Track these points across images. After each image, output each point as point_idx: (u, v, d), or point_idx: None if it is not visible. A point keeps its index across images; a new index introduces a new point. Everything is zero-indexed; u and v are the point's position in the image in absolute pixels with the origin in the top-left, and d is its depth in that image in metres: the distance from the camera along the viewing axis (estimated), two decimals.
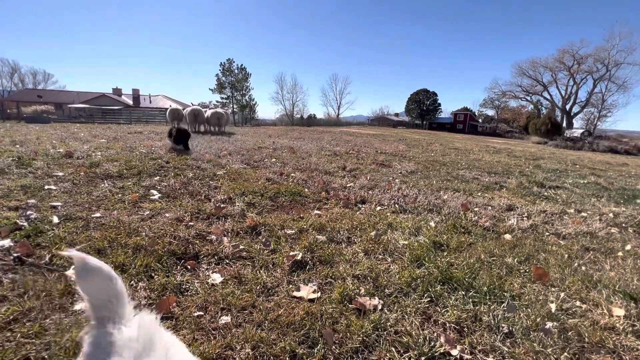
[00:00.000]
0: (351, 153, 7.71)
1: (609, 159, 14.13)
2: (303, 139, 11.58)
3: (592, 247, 2.68)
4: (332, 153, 7.39)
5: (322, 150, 7.74)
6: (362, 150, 8.66)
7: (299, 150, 7.47)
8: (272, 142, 9.19)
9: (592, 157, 15.06)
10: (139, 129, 11.78)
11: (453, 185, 4.68)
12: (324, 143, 10.02)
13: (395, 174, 5.26)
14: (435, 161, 7.43)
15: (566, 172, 7.44)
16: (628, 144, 25.17)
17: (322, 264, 2.03)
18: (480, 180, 5.30)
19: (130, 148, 5.71)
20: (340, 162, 5.94)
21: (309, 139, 11.43)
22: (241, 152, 6.32)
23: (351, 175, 4.89)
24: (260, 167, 4.88)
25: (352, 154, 7.49)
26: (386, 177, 4.88)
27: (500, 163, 8.15)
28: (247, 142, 8.49)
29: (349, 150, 8.15)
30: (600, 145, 23.76)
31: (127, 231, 2.20)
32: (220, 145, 7.24)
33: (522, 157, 10.74)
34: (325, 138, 12.73)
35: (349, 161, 6.23)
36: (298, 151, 7.23)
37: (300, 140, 10.86)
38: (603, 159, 14.23)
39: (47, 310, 1.44)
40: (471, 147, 13.71)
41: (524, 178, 5.87)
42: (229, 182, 3.78)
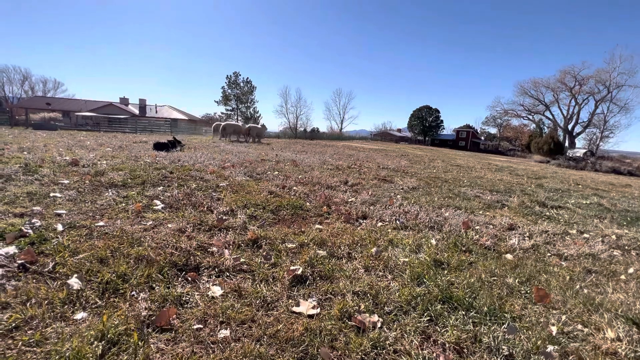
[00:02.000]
0: (353, 168, 7.75)
1: (612, 180, 14.10)
2: (306, 152, 11.67)
3: (595, 269, 2.66)
4: (335, 167, 7.44)
5: (325, 164, 7.80)
6: (364, 165, 8.71)
7: (301, 163, 7.53)
8: (275, 154, 9.27)
9: (594, 177, 15.04)
10: (145, 138, 11.93)
11: (455, 202, 4.69)
12: (326, 157, 10.09)
13: (397, 190, 5.27)
14: (437, 178, 7.45)
15: (569, 192, 7.43)
16: (631, 165, 25.14)
17: (322, 279, 2.04)
18: (482, 198, 5.31)
19: (135, 157, 5.79)
20: (343, 177, 5.97)
21: (312, 153, 11.51)
22: (244, 164, 6.38)
23: (353, 190, 4.91)
24: (263, 180, 4.92)
25: (354, 169, 7.53)
26: (388, 193, 4.90)
27: (502, 181, 8.16)
28: (250, 154, 8.57)
29: (351, 165, 8.20)
30: (603, 166, 23.73)
31: (129, 241, 2.22)
32: (223, 157, 7.32)
33: (525, 175, 10.75)
34: (328, 152, 12.82)
35: (351, 176, 6.26)
36: (301, 164, 7.28)
37: (303, 153, 10.94)
38: (606, 179, 14.20)
39: (49, 318, 1.45)
40: (473, 165, 13.75)
41: (526, 197, 5.87)
42: (231, 194, 3.81)
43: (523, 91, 47.49)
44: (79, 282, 1.69)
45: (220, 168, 5.54)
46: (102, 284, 1.72)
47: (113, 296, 1.65)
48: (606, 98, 40.11)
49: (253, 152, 9.56)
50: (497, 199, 5.34)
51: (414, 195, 4.99)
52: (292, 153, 10.55)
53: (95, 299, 1.60)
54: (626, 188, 10.40)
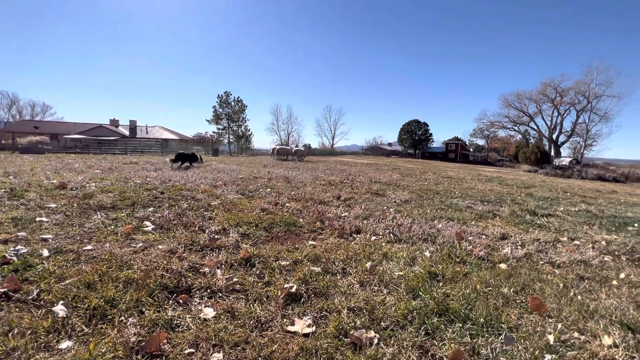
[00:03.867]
0: (346, 182, 7.78)
1: (598, 187, 14.43)
2: (298, 168, 11.70)
3: (587, 275, 2.69)
4: (327, 182, 7.46)
5: (317, 180, 7.81)
6: (357, 179, 8.76)
7: (294, 179, 7.53)
8: (267, 171, 9.27)
9: (581, 184, 15.38)
10: (135, 159, 11.84)
11: (447, 214, 4.72)
12: (318, 172, 10.12)
13: (389, 203, 5.29)
14: (429, 190, 7.52)
15: (557, 200, 7.56)
16: (615, 171, 25.85)
17: (317, 296, 2.00)
18: (474, 209, 5.36)
19: (125, 179, 5.72)
20: (335, 192, 5.98)
21: (304, 169, 11.55)
22: (236, 182, 6.36)
23: (346, 204, 4.91)
24: (255, 197, 4.89)
25: (347, 183, 7.56)
26: (380, 207, 4.91)
27: (492, 191, 8.28)
28: (242, 172, 8.55)
29: (343, 180, 8.24)
30: (589, 173, 24.33)
31: (118, 264, 2.16)
32: (215, 175, 7.29)
33: (514, 185, 10.94)
34: (320, 167, 12.89)
35: (343, 190, 6.28)
36: (293, 181, 7.29)
37: (295, 169, 10.96)
38: (592, 186, 14.53)
39: (32, 349, 1.39)
40: (464, 176, 13.95)
41: (517, 206, 5.95)
42: (223, 212, 3.77)
43: (507, 104, 49.03)
44: (65, 309, 1.63)
45: (212, 187, 5.50)
46: (89, 310, 1.66)
47: (101, 322, 1.59)
48: (586, 108, 41.63)
49: (245, 169, 9.55)
50: (488, 209, 5.40)
51: (407, 208, 5.01)
52: (284, 170, 10.56)
53: (82, 327, 1.54)
54: (612, 194, 10.65)
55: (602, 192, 11.05)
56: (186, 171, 7.94)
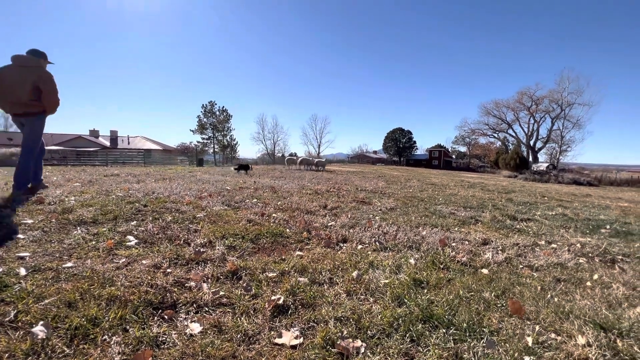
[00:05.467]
0: (332, 191, 7.84)
1: (573, 190, 15.05)
2: (284, 177, 11.70)
3: (563, 278, 2.81)
4: (314, 192, 7.49)
5: (304, 189, 7.84)
6: (343, 188, 8.83)
7: (280, 189, 7.53)
8: (254, 181, 9.23)
9: (558, 189, 16.00)
10: (116, 171, 11.54)
11: (431, 220, 4.83)
12: (305, 182, 10.15)
13: (375, 211, 5.37)
14: (414, 197, 7.67)
15: (536, 205, 7.85)
16: (589, 175, 27.05)
17: (305, 307, 2.02)
18: (457, 215, 5.51)
19: (106, 192, 5.58)
20: (322, 201, 6.02)
21: (290, 178, 11.55)
22: (222, 192, 6.31)
23: (332, 214, 4.95)
24: (241, 208, 4.87)
25: (333, 192, 7.62)
26: (367, 215, 4.98)
27: (475, 197, 8.51)
28: (228, 182, 8.49)
29: (329, 189, 8.29)
30: (565, 178, 25.37)
31: (100, 281, 2.12)
32: (200, 186, 7.20)
33: (495, 190, 11.28)
34: (307, 176, 12.92)
35: (329, 200, 6.33)
36: (279, 190, 7.29)
37: (281, 179, 10.95)
38: (569, 190, 15.14)
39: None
40: (447, 182, 14.28)
41: (498, 211, 6.15)
42: (209, 224, 3.74)
43: (487, 111, 50.80)
44: (45, 330, 1.59)
45: (197, 198, 5.44)
46: (70, 330, 1.62)
47: (83, 342, 1.56)
48: (560, 115, 43.63)
49: (231, 180, 9.48)
50: (470, 215, 5.55)
51: (392, 215, 5.10)
52: (270, 179, 10.53)
53: (63, 347, 1.50)
54: (587, 198, 11.13)
55: (577, 196, 11.55)
56: (170, 183, 7.82)
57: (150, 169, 13.19)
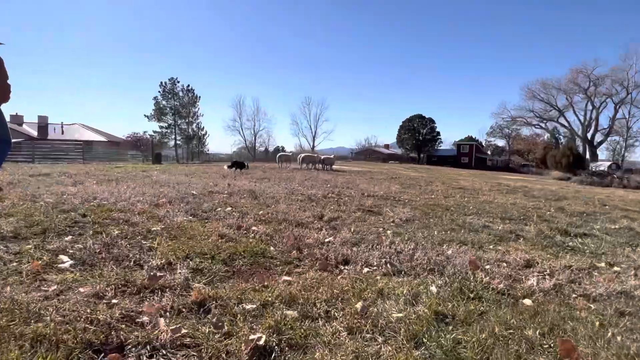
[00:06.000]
0: (330, 197, 7.86)
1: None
2: (268, 179, 11.70)
3: (628, 310, 2.84)
4: (306, 197, 7.51)
5: (293, 195, 7.85)
6: (345, 192, 8.86)
7: (262, 194, 7.54)
8: (228, 184, 9.22)
9: (623, 195, 16.22)
10: (46, 169, 11.47)
11: (459, 236, 4.87)
12: (295, 184, 10.16)
13: (386, 224, 5.40)
14: (437, 205, 7.72)
15: (594, 216, 7.95)
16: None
17: (293, 349, 2.02)
18: (492, 229, 5.56)
19: (32, 197, 5.54)
20: (317, 210, 6.04)
21: (276, 179, 11.56)
22: (186, 199, 6.30)
23: (330, 226, 4.97)
24: (212, 219, 4.87)
25: (332, 199, 7.64)
26: (375, 228, 5.01)
27: (515, 206, 8.59)
28: (194, 185, 8.47)
29: (327, 194, 8.32)
30: (632, 181, 25.73)
31: (24, 316, 2.10)
32: (157, 190, 7.18)
33: (542, 197, 11.40)
34: (297, 177, 12.94)
35: (327, 208, 6.35)
36: (262, 196, 7.29)
37: (264, 181, 10.96)
38: (636, 197, 15.35)
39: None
40: (480, 186, 14.40)
41: (545, 224, 6.21)
42: (168, 240, 3.74)
43: (531, 94, 51.33)
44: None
45: (152, 206, 5.42)
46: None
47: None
48: (626, 100, 44.13)
49: (198, 182, 9.46)
50: (510, 229, 5.61)
51: (409, 229, 5.13)
52: (249, 181, 10.54)
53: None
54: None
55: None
56: (117, 186, 7.78)
57: (91, 167, 13.11)
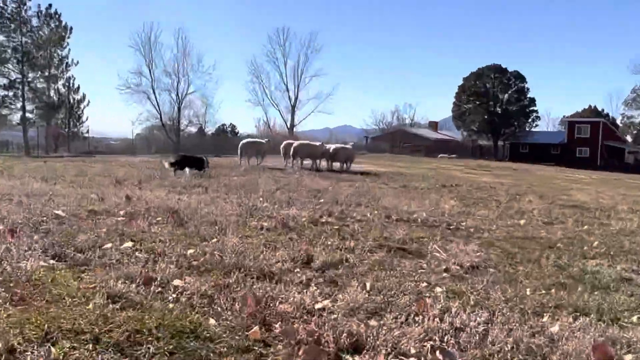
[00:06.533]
0: (326, 222, 7.82)
1: None
2: (206, 187, 11.62)
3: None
4: (279, 223, 7.46)
5: (254, 217, 7.81)
6: (352, 213, 8.84)
7: (193, 217, 7.50)
8: (126, 196, 9.16)
9: None
10: None
11: (573, 298, 4.88)
12: (258, 197, 10.09)
13: (434, 275, 5.40)
14: (530, 239, 7.73)
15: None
16: None
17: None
18: (637, 285, 5.58)
19: None
20: (300, 247, 6.00)
21: (223, 187, 11.49)
22: (44, 225, 6.26)
23: (326, 279, 4.93)
24: (95, 265, 4.84)
25: (329, 225, 7.60)
26: (412, 283, 4.98)
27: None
28: (60, 200, 8.42)
29: (319, 216, 8.28)
30: None
31: None
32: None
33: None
34: (262, 182, 12.90)
35: (320, 243, 6.31)
36: (192, 220, 7.26)
37: (198, 190, 10.89)
38: None
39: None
40: (612, 202, 14.41)
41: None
42: (9, 307, 3.71)
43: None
44: None
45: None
46: None
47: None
48: None
49: (69, 191, 9.43)
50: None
51: (477, 285, 5.11)
52: (169, 191, 10.49)
53: None
54: None
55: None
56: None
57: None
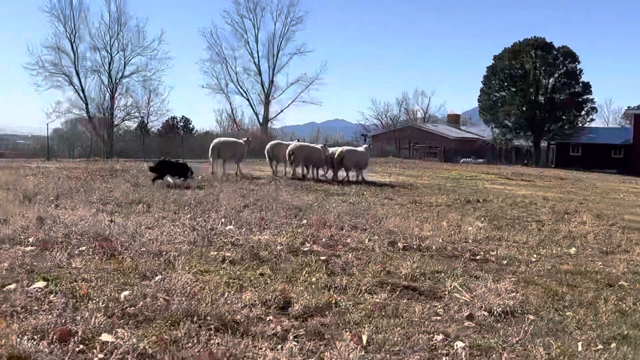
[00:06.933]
0: (309, 251, 7.86)
1: None
2: (148, 203, 11.65)
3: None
4: (248, 253, 7.49)
5: (213, 245, 7.84)
6: (345, 240, 8.88)
7: (130, 245, 7.56)
8: (36, 217, 9.19)
9: None
10: None
11: (638, 357, 4.85)
12: (215, 219, 10.19)
13: (452, 322, 5.39)
14: (581, 273, 7.78)
15: None
16: None
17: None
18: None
19: None
20: (272, 286, 6.02)
21: (171, 205, 11.53)
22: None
23: (308, 330, 4.91)
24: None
25: (314, 255, 7.66)
26: (425, 335, 4.95)
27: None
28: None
29: (299, 243, 8.35)
30: None
31: None
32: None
33: None
34: (226, 197, 12.94)
35: (301, 280, 6.34)
36: (129, 250, 7.30)
37: (137, 209, 10.90)
38: None
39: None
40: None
41: None
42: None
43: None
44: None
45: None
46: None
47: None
48: None
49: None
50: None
51: (509, 337, 5.07)
52: (94, 210, 10.49)
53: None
54: None
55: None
56: None
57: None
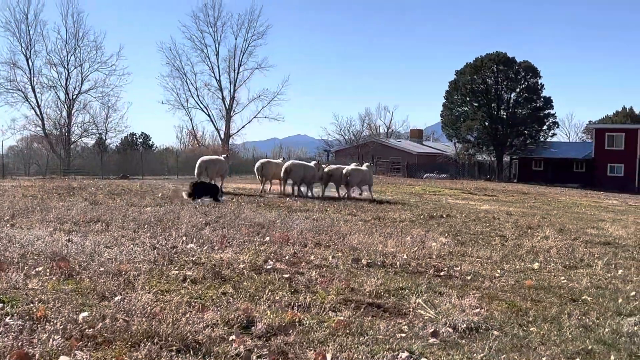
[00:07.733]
0: (271, 269, 7.85)
1: None
2: (106, 221, 11.57)
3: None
4: (210, 271, 7.47)
5: (172, 263, 7.79)
6: (308, 257, 8.87)
7: (88, 264, 7.50)
8: None
9: None
10: None
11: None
12: (176, 238, 10.19)
13: (416, 339, 5.41)
14: (544, 288, 7.82)
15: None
16: None
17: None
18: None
19: None
20: (235, 305, 5.99)
21: (130, 222, 11.49)
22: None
23: (272, 349, 4.83)
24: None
25: (275, 272, 7.67)
26: (387, 354, 4.91)
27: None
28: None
29: (262, 261, 8.33)
30: None
31: None
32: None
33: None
34: (187, 215, 12.88)
35: (264, 299, 6.35)
36: (87, 268, 7.24)
37: (95, 227, 10.83)
38: None
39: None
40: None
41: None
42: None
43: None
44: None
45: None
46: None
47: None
48: None
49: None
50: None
51: (474, 354, 5.07)
52: (51, 229, 10.41)
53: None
54: None
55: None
56: None
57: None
